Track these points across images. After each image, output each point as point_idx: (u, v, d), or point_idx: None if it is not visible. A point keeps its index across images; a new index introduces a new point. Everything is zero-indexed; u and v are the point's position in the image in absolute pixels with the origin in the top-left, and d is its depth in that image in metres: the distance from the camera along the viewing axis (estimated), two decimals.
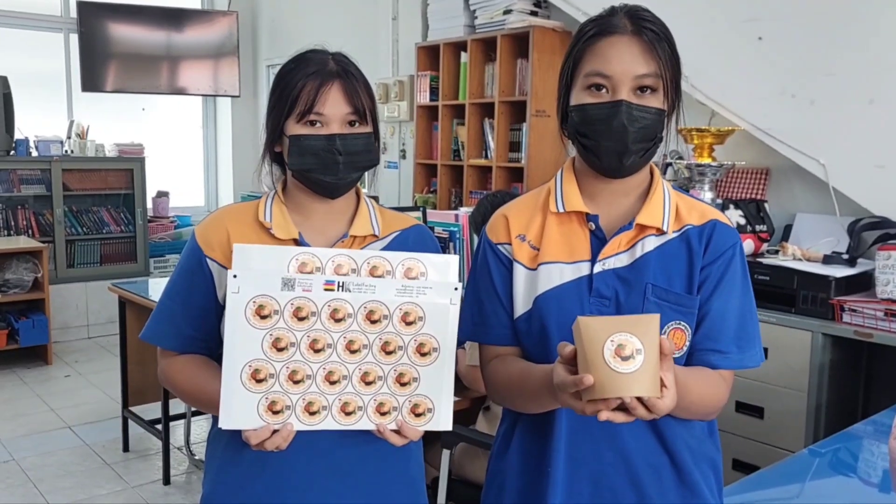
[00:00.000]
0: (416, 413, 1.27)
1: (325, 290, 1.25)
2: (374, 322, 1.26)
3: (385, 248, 1.44)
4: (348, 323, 1.25)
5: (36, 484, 3.69)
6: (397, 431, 1.28)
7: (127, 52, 6.68)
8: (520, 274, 1.37)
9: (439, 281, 1.28)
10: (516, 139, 4.80)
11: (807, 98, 3.38)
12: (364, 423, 1.27)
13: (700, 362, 1.28)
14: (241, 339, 1.22)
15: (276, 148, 1.43)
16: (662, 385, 1.05)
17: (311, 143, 1.36)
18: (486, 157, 5.02)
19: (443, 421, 1.29)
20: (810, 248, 3.27)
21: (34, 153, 6.16)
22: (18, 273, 5.52)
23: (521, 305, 1.37)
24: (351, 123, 1.38)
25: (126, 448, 4.11)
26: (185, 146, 7.77)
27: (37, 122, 6.37)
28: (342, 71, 1.38)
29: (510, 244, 1.39)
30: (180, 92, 7.08)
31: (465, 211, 3.52)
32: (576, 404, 1.08)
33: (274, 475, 1.36)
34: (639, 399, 1.03)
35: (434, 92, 5.34)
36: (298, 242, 1.41)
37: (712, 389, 1.27)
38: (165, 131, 7.44)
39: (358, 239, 1.46)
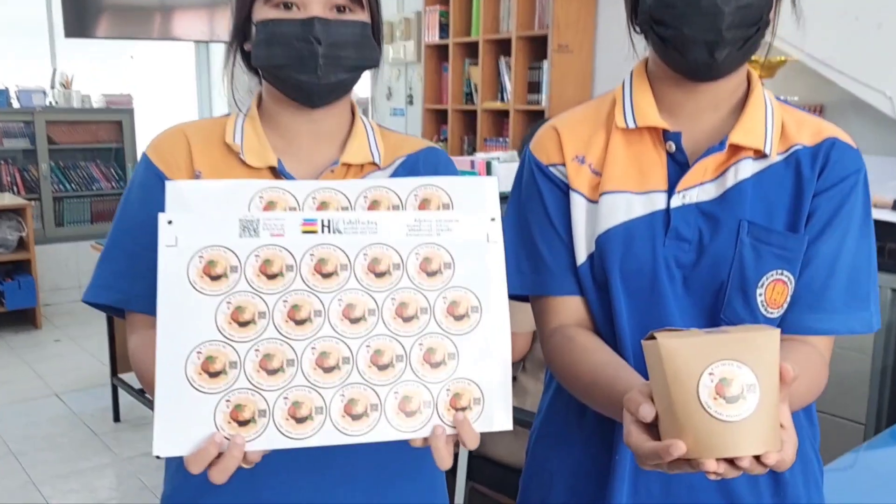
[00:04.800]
0: (457, 407, 0.86)
1: (305, 231, 0.85)
2: (380, 275, 0.86)
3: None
4: (343, 278, 0.85)
5: (17, 456, 3.47)
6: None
7: None
8: (579, 207, 1.05)
9: (469, 210, 0.89)
10: (536, 79, 4.39)
11: (872, 22, 2.99)
12: (383, 430, 0.84)
13: (794, 325, 1.00)
14: (182, 313, 0.83)
15: (247, 46, 1.08)
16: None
17: (282, 30, 1.02)
18: (503, 99, 4.60)
19: (498, 417, 0.87)
20: (876, 193, 2.88)
21: (15, 104, 5.78)
22: (2, 232, 5.24)
23: (583, 249, 1.05)
24: (339, 9, 1.04)
25: (117, 418, 3.87)
26: (177, 97, 7.27)
27: (17, 71, 5.96)
28: None
29: (564, 166, 1.07)
30: (172, 38, 6.64)
31: (482, 157, 3.13)
32: (659, 467, 0.77)
33: (247, 472, 0.97)
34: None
35: (444, 29, 4.92)
36: (276, 173, 1.04)
37: (814, 375, 0.97)
38: (156, 81, 6.97)
39: (353, 168, 1.09)
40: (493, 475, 2.20)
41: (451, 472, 2.21)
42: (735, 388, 0.72)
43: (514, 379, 2.28)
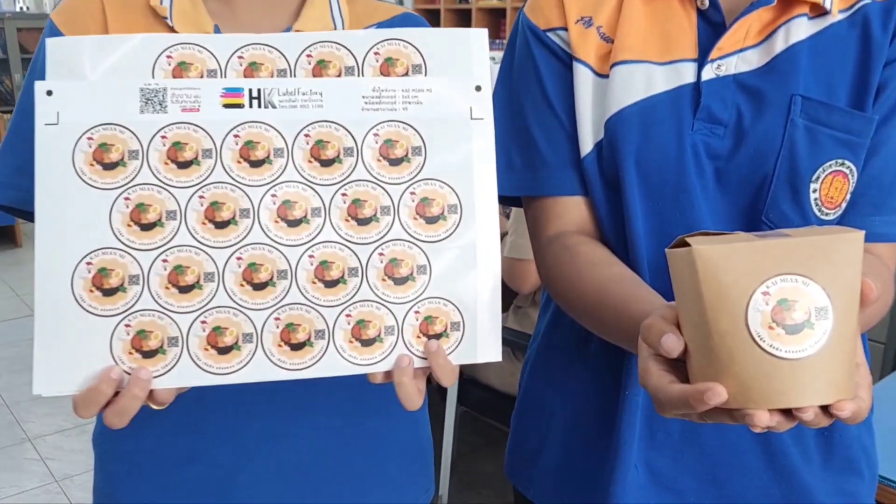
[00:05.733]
0: (429, 334, 0.67)
1: (227, 105, 0.64)
2: (327, 163, 0.66)
3: None
4: (277, 168, 0.65)
5: None
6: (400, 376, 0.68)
7: None
8: (584, 81, 0.84)
9: (446, 75, 0.68)
10: None
11: None
12: (331, 363, 0.66)
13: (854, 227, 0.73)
14: (67, 212, 0.62)
15: None
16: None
17: None
18: None
19: (483, 345, 0.68)
20: None
21: None
22: None
23: (588, 135, 0.83)
24: None
25: None
26: None
27: None
28: None
29: (566, 30, 0.85)
30: None
31: None
32: (687, 417, 0.58)
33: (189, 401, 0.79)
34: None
35: None
36: None
37: (883, 295, 0.78)
38: None
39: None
40: (485, 399, 2.05)
41: (441, 396, 2.06)
42: (799, 314, 0.52)
43: (519, 308, 2.09)
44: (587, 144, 0.83)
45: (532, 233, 0.89)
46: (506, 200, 0.92)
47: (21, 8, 5.72)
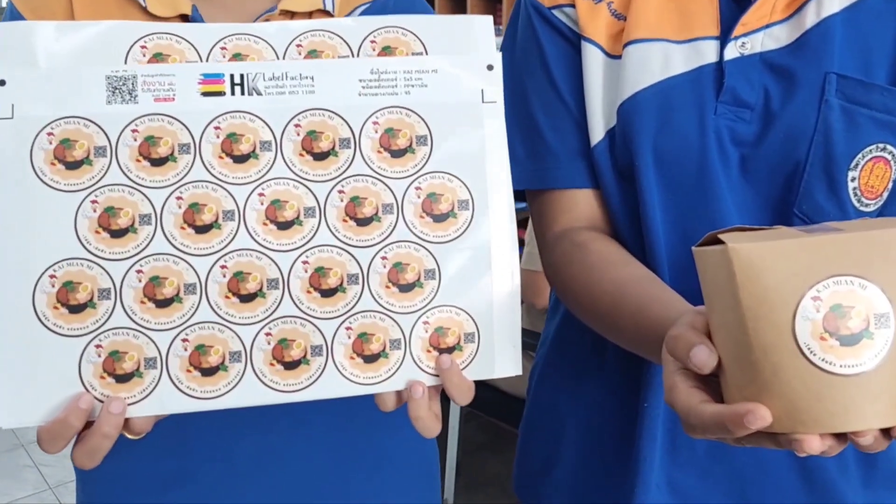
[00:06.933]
0: (441, 347, 0.59)
1: (207, 93, 0.57)
2: (320, 156, 0.58)
3: None
4: (265, 163, 0.57)
5: None
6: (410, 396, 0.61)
7: None
8: (594, 63, 0.76)
9: (453, 56, 0.60)
10: None
11: None
12: (330, 383, 0.58)
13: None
14: (26, 219, 0.55)
15: None
16: None
17: None
18: None
19: (501, 359, 0.60)
20: None
21: None
22: None
23: (599, 122, 0.76)
24: None
25: None
26: None
27: None
28: None
29: (574, 6, 0.78)
30: None
31: None
32: (722, 440, 0.51)
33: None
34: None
35: None
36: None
37: None
38: None
39: (298, 18, 0.78)
40: (490, 399, 1.99)
41: (447, 398, 2.00)
42: (856, 321, 0.45)
43: (534, 307, 2.02)
44: (598, 132, 0.75)
45: (538, 230, 0.82)
46: None
47: None
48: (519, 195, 0.84)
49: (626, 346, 0.70)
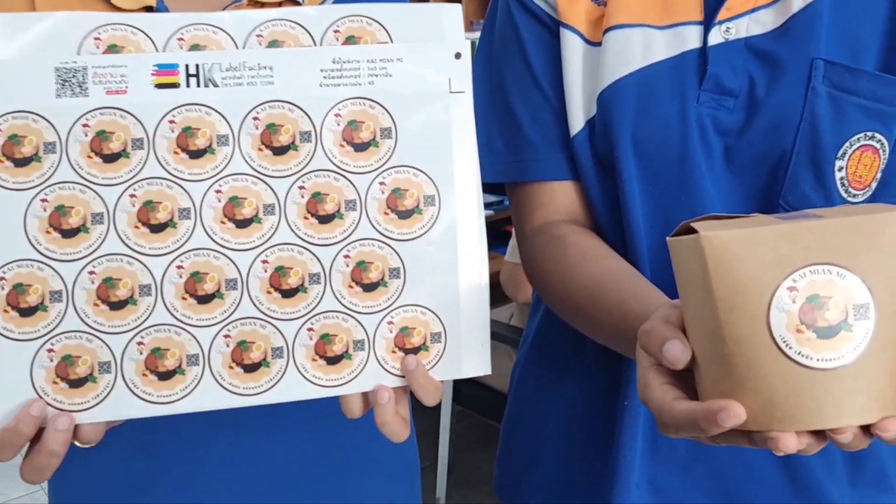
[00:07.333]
0: (406, 347, 0.57)
1: (160, 85, 0.55)
2: (280, 151, 0.56)
3: None
4: (221, 158, 0.55)
5: None
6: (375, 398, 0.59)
7: None
8: (573, 50, 0.74)
9: (419, 45, 0.58)
10: None
11: None
12: (291, 386, 0.57)
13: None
14: None
15: None
16: None
17: None
18: None
19: (469, 358, 0.58)
20: None
21: None
22: None
23: (579, 112, 0.74)
24: None
25: None
26: None
27: None
28: None
29: None
30: None
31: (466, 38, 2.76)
32: (697, 439, 0.49)
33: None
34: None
35: None
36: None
37: None
38: None
39: (268, 7, 0.76)
40: (482, 398, 1.97)
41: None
42: (834, 313, 0.42)
43: (525, 304, 2.00)
44: (577, 122, 0.73)
45: (516, 224, 0.80)
46: (488, 189, 0.83)
47: None
48: (502, 189, 0.82)
49: (605, 343, 0.68)
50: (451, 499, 2.07)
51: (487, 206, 2.28)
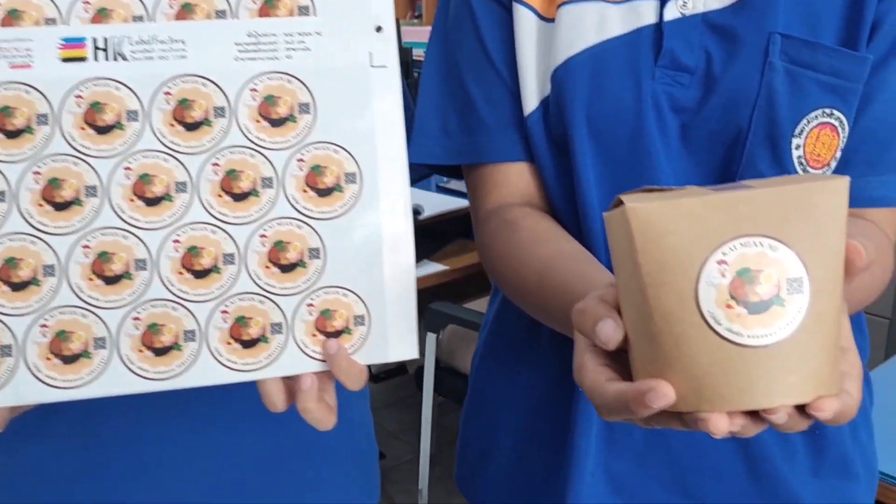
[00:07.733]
0: (327, 330, 0.55)
1: (67, 59, 0.52)
2: (192, 127, 0.54)
3: None
4: (131, 134, 0.53)
5: None
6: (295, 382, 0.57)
7: None
8: (527, 26, 0.72)
9: (339, 18, 0.55)
10: None
11: None
12: (204, 370, 0.54)
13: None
14: None
15: None
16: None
17: None
18: None
19: (394, 341, 0.56)
20: None
21: None
22: None
23: (533, 90, 0.72)
24: None
25: None
26: None
27: None
28: None
29: None
30: None
31: None
32: (631, 421, 0.47)
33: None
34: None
35: None
36: None
37: (880, 265, 0.67)
38: None
39: None
40: (464, 389, 1.95)
41: (418, 385, 1.96)
42: (766, 287, 0.40)
43: None
44: (531, 101, 0.71)
45: (471, 207, 0.78)
46: (445, 171, 0.80)
47: None
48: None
49: (556, 328, 0.66)
50: (434, 491, 2.05)
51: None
